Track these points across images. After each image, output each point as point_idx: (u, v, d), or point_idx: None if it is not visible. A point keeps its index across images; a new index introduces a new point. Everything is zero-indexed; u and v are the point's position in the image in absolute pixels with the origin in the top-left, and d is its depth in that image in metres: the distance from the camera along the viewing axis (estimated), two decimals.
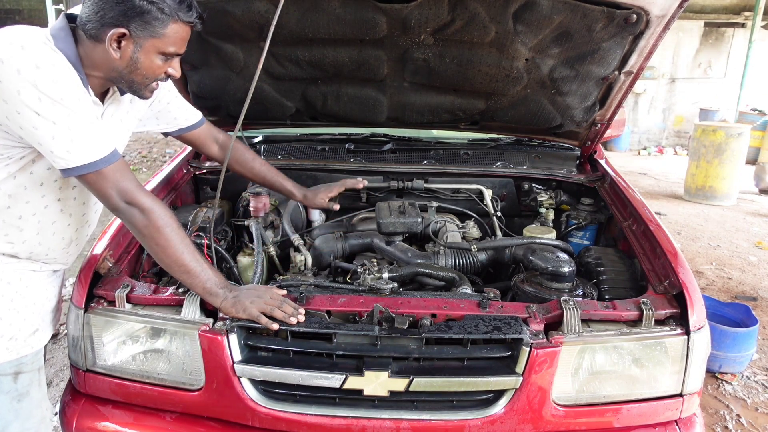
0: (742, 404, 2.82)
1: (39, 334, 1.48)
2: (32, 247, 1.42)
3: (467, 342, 1.40)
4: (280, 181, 1.98)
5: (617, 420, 1.47)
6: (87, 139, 1.24)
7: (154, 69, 1.34)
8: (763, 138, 8.78)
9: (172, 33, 1.31)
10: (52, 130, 1.19)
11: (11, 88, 1.15)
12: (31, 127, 1.18)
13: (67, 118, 1.20)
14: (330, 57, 2.02)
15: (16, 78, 1.15)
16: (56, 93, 1.19)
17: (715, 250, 5.11)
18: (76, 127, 1.22)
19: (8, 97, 1.16)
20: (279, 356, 1.45)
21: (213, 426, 1.49)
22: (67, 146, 1.22)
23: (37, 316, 1.48)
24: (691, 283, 1.51)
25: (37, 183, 1.36)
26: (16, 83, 1.15)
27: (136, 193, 1.33)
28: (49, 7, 9.58)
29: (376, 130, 2.60)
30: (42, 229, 1.42)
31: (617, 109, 2.17)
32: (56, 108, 1.19)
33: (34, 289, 1.47)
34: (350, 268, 1.87)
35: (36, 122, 1.18)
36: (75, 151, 1.23)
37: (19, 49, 1.17)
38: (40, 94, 1.16)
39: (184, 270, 1.39)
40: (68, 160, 1.23)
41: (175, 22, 1.30)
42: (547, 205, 2.32)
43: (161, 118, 1.75)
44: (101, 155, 1.27)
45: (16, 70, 1.15)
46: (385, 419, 1.42)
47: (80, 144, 1.23)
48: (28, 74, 1.15)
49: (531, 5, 1.70)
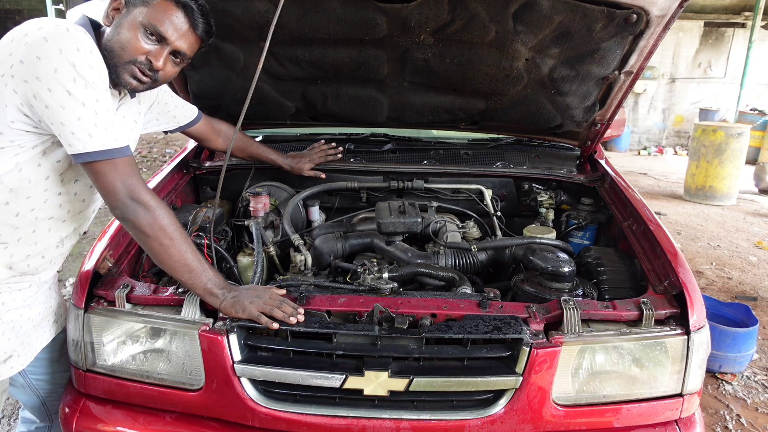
0: (742, 404, 2.82)
1: (12, 361, 1.45)
2: (27, 247, 1.40)
3: (467, 342, 1.40)
4: (270, 158, 2.22)
5: (617, 420, 1.47)
6: (109, 126, 1.27)
7: (130, 39, 1.32)
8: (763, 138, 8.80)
9: (160, 7, 1.32)
10: (79, 111, 1.21)
11: (49, 66, 1.18)
12: (58, 106, 1.20)
13: (96, 103, 1.23)
14: (330, 57, 2.02)
15: (57, 57, 1.18)
16: (90, 77, 1.22)
17: (715, 250, 5.11)
18: (101, 113, 1.25)
19: (43, 74, 1.18)
20: (279, 356, 1.45)
21: (213, 426, 1.49)
22: (90, 129, 1.23)
23: (14, 341, 1.45)
24: (691, 283, 1.51)
25: (42, 176, 1.35)
26: (56, 61, 1.18)
27: (143, 191, 1.34)
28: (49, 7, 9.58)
29: (376, 130, 2.60)
30: (38, 226, 1.40)
31: (617, 109, 2.17)
32: (88, 91, 1.22)
33: (17, 311, 1.45)
34: (350, 268, 1.87)
35: (65, 101, 1.20)
36: (96, 135, 1.24)
37: (65, 31, 1.21)
38: (76, 75, 1.20)
39: (187, 269, 1.39)
40: (87, 144, 1.24)
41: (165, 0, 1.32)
42: (547, 205, 2.32)
43: (161, 119, 1.81)
44: (118, 145, 1.29)
45: (59, 49, 1.18)
46: (385, 419, 1.42)
47: (102, 129, 1.25)
48: (68, 54, 1.19)
49: (531, 5, 1.70)
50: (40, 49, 1.18)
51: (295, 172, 2.26)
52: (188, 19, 1.36)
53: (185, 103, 1.89)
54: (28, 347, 1.50)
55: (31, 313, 1.50)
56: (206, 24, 1.40)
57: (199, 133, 2.01)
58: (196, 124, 1.95)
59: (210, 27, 1.42)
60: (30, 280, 1.47)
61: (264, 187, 2.25)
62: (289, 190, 2.35)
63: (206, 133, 2.03)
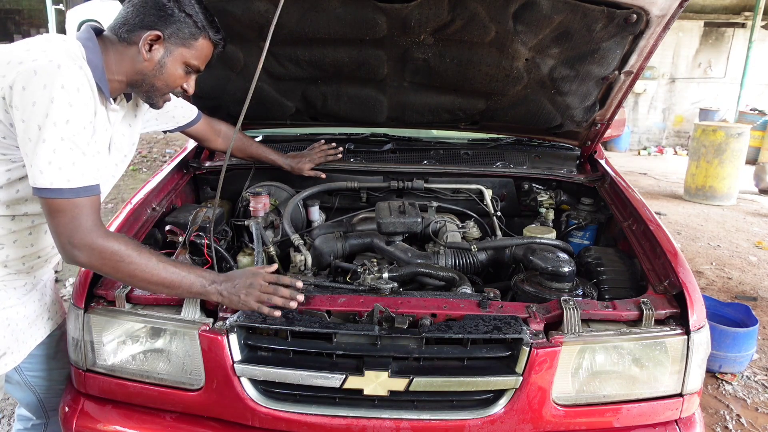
0: (742, 404, 2.82)
1: (6, 358, 1.45)
2: (23, 248, 1.41)
3: (467, 342, 1.40)
4: (269, 158, 2.23)
5: (617, 420, 1.47)
6: (66, 165, 1.22)
7: (175, 78, 1.43)
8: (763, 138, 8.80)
9: (200, 47, 1.42)
10: (38, 147, 1.19)
11: (30, 98, 1.18)
12: (26, 137, 1.20)
13: (59, 142, 1.20)
14: (330, 57, 2.03)
15: (40, 92, 1.18)
16: (62, 115, 1.20)
17: (715, 250, 5.11)
18: (61, 151, 1.21)
19: (23, 105, 1.19)
20: (279, 356, 1.45)
21: (213, 426, 1.49)
22: (42, 166, 1.20)
23: (9, 339, 1.45)
24: (691, 283, 1.51)
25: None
26: (37, 95, 1.18)
27: (87, 235, 1.25)
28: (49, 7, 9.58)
29: (376, 130, 2.60)
30: (35, 230, 1.41)
31: (617, 109, 2.17)
32: (54, 129, 1.19)
33: (13, 309, 1.45)
34: (350, 268, 1.87)
35: (32, 135, 1.19)
36: (47, 173, 1.20)
37: (56, 68, 1.20)
38: (48, 112, 1.18)
39: (164, 286, 1.35)
40: (37, 179, 1.21)
41: (204, 38, 1.42)
42: (547, 205, 2.32)
43: (160, 118, 1.82)
44: (69, 186, 1.22)
45: (43, 84, 1.19)
46: (385, 419, 1.42)
47: (56, 168, 1.21)
48: (50, 90, 1.19)
49: (531, 5, 1.70)
50: (27, 81, 1.18)
51: (295, 172, 2.26)
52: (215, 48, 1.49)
53: (185, 103, 1.90)
54: (23, 344, 1.50)
55: (26, 310, 1.50)
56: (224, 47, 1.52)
57: (199, 134, 2.01)
58: (195, 124, 1.96)
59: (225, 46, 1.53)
60: (25, 278, 1.47)
61: (264, 187, 2.25)
62: (289, 190, 2.35)
63: (206, 133, 2.03)
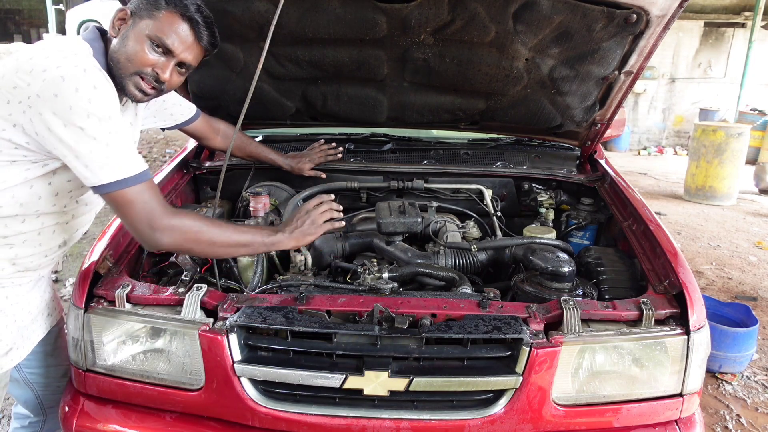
0: (742, 404, 2.82)
1: (12, 353, 1.47)
2: (31, 248, 1.42)
3: (467, 342, 1.40)
4: (269, 158, 2.23)
5: (617, 420, 1.47)
6: (121, 156, 1.28)
7: (137, 52, 1.35)
8: (763, 138, 8.80)
9: (163, 18, 1.34)
10: (91, 145, 1.23)
11: (65, 103, 1.20)
12: (72, 141, 1.22)
13: (108, 136, 1.25)
14: (330, 57, 2.02)
15: (74, 95, 1.20)
16: (104, 111, 1.24)
17: (715, 250, 5.11)
18: (113, 144, 1.26)
19: (59, 110, 1.20)
20: (279, 356, 1.45)
21: (213, 426, 1.49)
22: (102, 162, 1.25)
23: (15, 335, 1.47)
24: (691, 283, 1.51)
25: (52, 193, 1.37)
26: (72, 100, 1.20)
27: (161, 215, 1.33)
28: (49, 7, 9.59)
29: (376, 130, 2.60)
30: (44, 230, 1.43)
31: (617, 109, 2.17)
32: (101, 125, 1.23)
33: (19, 305, 1.47)
34: (350, 268, 1.87)
35: (78, 137, 1.22)
36: (108, 166, 1.26)
37: (83, 72, 1.23)
38: (89, 112, 1.21)
39: (241, 246, 1.46)
40: (100, 176, 1.26)
41: (169, 10, 1.34)
42: (547, 205, 2.32)
43: (158, 115, 1.82)
44: (131, 173, 1.29)
45: (75, 88, 1.20)
46: (385, 419, 1.42)
47: (114, 161, 1.27)
48: (84, 92, 1.21)
49: (531, 5, 1.70)
50: (57, 88, 1.20)
51: (295, 172, 2.27)
52: (193, 31, 1.39)
53: (183, 101, 1.90)
54: (26, 340, 1.52)
55: (29, 306, 1.52)
56: (211, 36, 1.43)
57: (198, 131, 2.01)
58: (194, 122, 1.95)
59: (215, 38, 1.44)
60: (31, 275, 1.49)
61: (264, 187, 2.25)
62: (289, 190, 2.35)
63: (205, 131, 2.03)
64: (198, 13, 1.38)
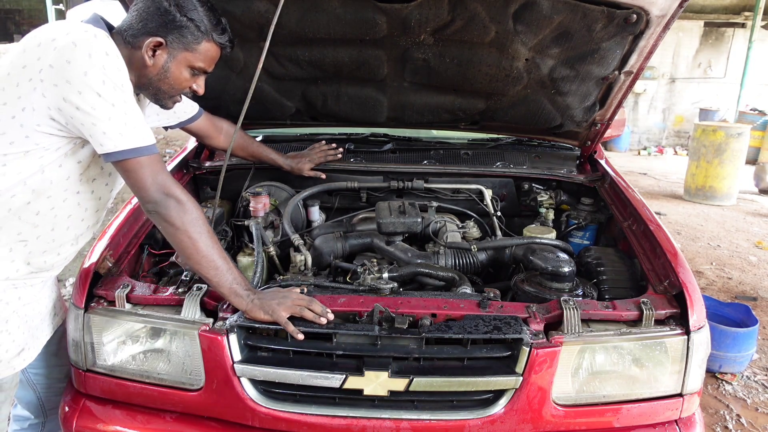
0: (742, 404, 2.82)
1: (25, 353, 1.48)
2: (45, 244, 1.42)
3: (467, 342, 1.40)
4: (270, 157, 2.22)
5: (617, 420, 1.47)
6: (138, 125, 1.31)
7: (181, 81, 1.43)
8: (763, 138, 8.80)
9: (204, 50, 1.41)
10: (110, 112, 1.25)
11: (79, 69, 1.21)
12: (89, 107, 1.23)
13: (124, 104, 1.28)
14: (330, 57, 2.02)
15: (87, 61, 1.21)
16: (119, 79, 1.27)
17: (715, 250, 5.11)
18: (130, 113, 1.29)
19: (74, 77, 1.21)
20: (279, 356, 1.45)
21: (213, 426, 1.49)
22: (121, 128, 1.27)
23: (27, 335, 1.48)
24: (691, 283, 1.51)
25: (63, 177, 1.37)
26: (86, 65, 1.21)
27: (174, 185, 1.37)
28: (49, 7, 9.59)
29: (376, 130, 2.60)
30: (57, 224, 1.42)
31: (617, 109, 2.17)
32: (117, 92, 1.26)
33: (30, 306, 1.48)
34: (350, 268, 1.87)
35: (96, 102, 1.23)
36: (127, 134, 1.28)
37: (93, 37, 1.25)
38: (105, 78, 1.23)
39: (213, 266, 1.40)
40: (118, 143, 1.28)
41: (208, 41, 1.40)
42: (547, 205, 2.32)
43: (161, 113, 1.80)
44: (146, 143, 1.32)
45: (88, 53, 1.22)
46: (385, 419, 1.42)
47: (132, 128, 1.29)
48: (98, 58, 1.23)
49: (531, 5, 1.70)
50: (70, 54, 1.21)
51: (295, 172, 2.26)
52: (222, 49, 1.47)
53: (185, 99, 1.87)
54: (36, 340, 1.53)
55: (39, 306, 1.53)
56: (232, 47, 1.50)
57: (200, 130, 2.01)
58: (196, 120, 1.95)
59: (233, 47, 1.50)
60: (43, 276, 1.50)
61: (264, 187, 2.25)
62: (289, 190, 2.35)
63: (207, 130, 2.03)
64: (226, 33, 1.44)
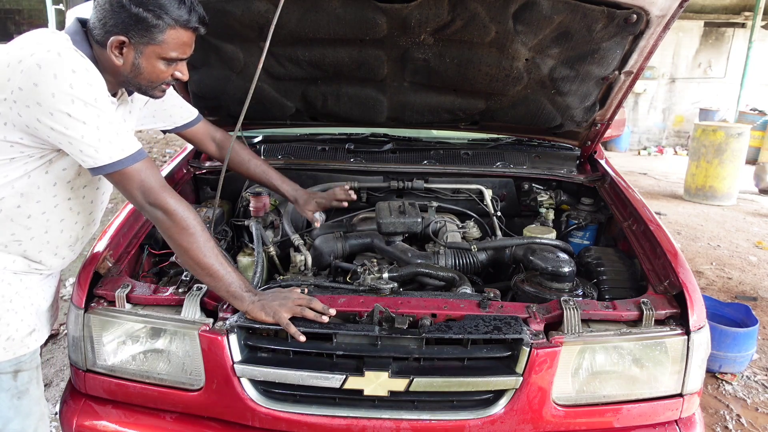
0: (742, 404, 2.82)
1: (35, 334, 1.49)
2: (40, 245, 1.43)
3: (467, 342, 1.40)
4: (272, 183, 2.00)
5: (617, 420, 1.47)
6: (113, 138, 1.29)
7: (157, 73, 1.39)
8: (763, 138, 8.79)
9: (172, 39, 1.34)
10: (81, 130, 1.24)
11: (46, 92, 1.20)
12: (62, 127, 1.22)
13: (97, 119, 1.25)
14: (330, 57, 2.02)
15: (53, 82, 1.20)
16: (89, 95, 1.24)
17: (715, 250, 5.11)
18: (104, 127, 1.27)
19: (42, 99, 1.20)
20: (279, 356, 1.45)
21: (213, 426, 1.49)
22: (96, 145, 1.26)
23: (34, 317, 1.49)
24: (691, 283, 1.51)
25: (50, 183, 1.38)
26: (52, 87, 1.20)
27: (160, 194, 1.35)
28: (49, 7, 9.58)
29: (376, 130, 2.60)
30: (50, 227, 1.43)
31: (617, 109, 2.17)
32: (88, 109, 1.24)
33: (33, 290, 1.49)
34: (350, 268, 1.87)
35: (68, 123, 1.22)
36: (102, 149, 1.27)
37: (56, 56, 1.22)
38: (74, 97, 1.21)
39: (207, 273, 1.40)
40: (96, 158, 1.27)
41: (173, 28, 1.33)
42: (547, 205, 2.32)
43: (157, 116, 1.78)
44: (126, 154, 1.31)
45: (53, 74, 1.20)
46: (385, 419, 1.42)
47: (107, 143, 1.28)
48: (63, 78, 1.21)
49: (531, 5, 1.70)
50: (36, 77, 1.19)
51: (297, 207, 2.05)
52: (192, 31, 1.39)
53: (185, 104, 1.85)
54: (46, 324, 1.55)
55: (44, 293, 1.54)
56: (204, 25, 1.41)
57: (195, 137, 1.92)
58: (193, 126, 1.88)
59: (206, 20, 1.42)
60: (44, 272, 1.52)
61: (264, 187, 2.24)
62: None
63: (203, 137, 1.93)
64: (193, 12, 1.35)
